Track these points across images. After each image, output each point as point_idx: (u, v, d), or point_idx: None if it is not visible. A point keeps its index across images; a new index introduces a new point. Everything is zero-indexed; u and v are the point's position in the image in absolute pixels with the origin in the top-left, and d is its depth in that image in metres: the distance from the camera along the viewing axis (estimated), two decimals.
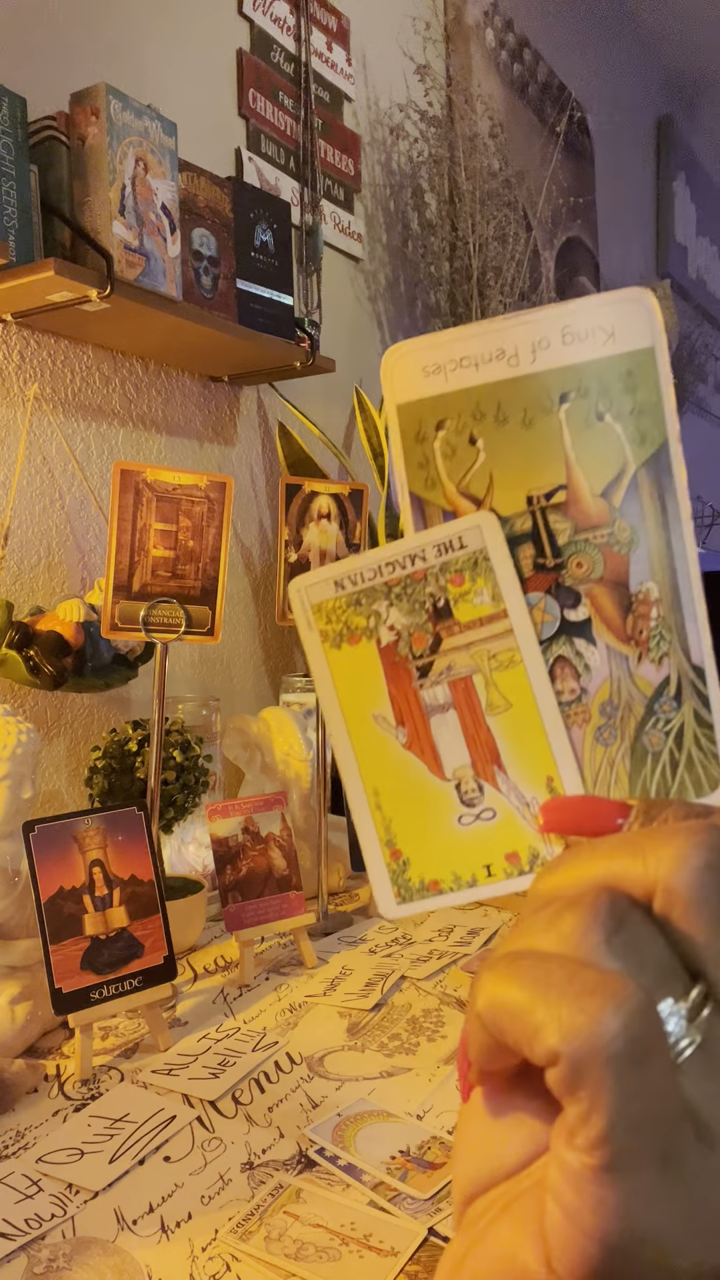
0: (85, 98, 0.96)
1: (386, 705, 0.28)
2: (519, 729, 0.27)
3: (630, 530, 0.27)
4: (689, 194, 3.43)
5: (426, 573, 0.28)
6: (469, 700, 0.28)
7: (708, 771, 0.27)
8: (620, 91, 2.85)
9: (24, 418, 1.09)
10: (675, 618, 0.27)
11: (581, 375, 0.26)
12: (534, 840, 0.27)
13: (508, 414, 0.27)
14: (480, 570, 0.27)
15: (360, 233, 1.70)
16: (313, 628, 0.28)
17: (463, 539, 0.27)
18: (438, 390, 0.27)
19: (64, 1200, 0.60)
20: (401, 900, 0.28)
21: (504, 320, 0.26)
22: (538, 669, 0.27)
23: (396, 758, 0.28)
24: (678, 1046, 0.19)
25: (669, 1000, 0.19)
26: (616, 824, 0.24)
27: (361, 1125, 0.67)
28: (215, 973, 0.95)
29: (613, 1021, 0.18)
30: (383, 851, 0.28)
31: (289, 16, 1.52)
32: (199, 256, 1.14)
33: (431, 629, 0.28)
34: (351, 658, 0.28)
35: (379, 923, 1.08)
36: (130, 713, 1.22)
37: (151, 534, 0.91)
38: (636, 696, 0.27)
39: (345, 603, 0.28)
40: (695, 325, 3.26)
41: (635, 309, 0.26)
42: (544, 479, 0.27)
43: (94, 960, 0.76)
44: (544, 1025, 0.19)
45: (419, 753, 0.28)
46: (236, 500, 0.91)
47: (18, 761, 0.79)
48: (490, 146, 1.81)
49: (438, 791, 0.28)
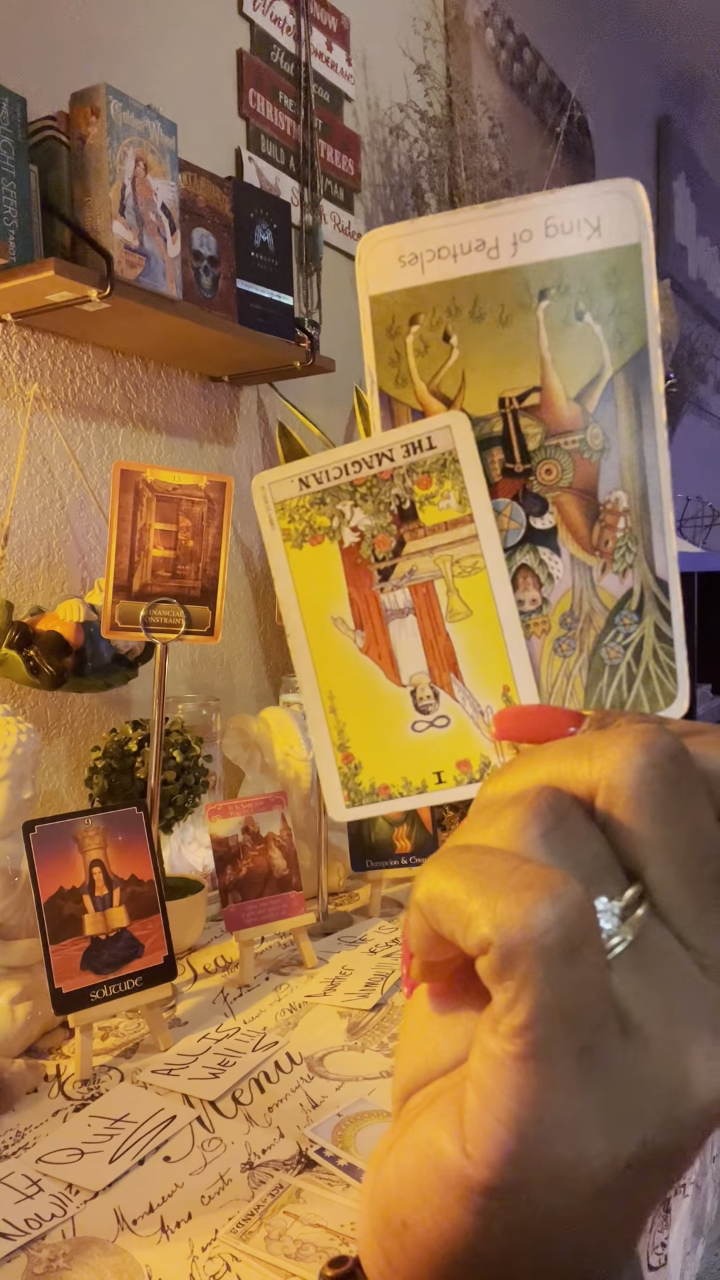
0: (85, 98, 0.96)
1: (346, 608, 0.28)
2: (478, 637, 0.27)
3: (603, 437, 0.26)
4: (689, 194, 3.43)
5: (393, 473, 0.27)
6: (429, 606, 0.27)
7: (664, 686, 0.27)
8: (620, 92, 2.85)
9: (24, 418, 1.09)
10: (643, 529, 0.26)
11: (563, 270, 0.25)
12: (486, 748, 0.27)
13: (484, 310, 0.26)
14: (448, 472, 0.27)
15: (360, 233, 1.70)
16: (275, 525, 0.28)
17: (432, 439, 0.27)
18: (413, 282, 0.26)
19: (64, 1200, 0.60)
20: (351, 803, 0.28)
21: (487, 208, 0.25)
22: (500, 577, 0.27)
23: (353, 662, 0.28)
24: (609, 943, 0.19)
25: (603, 898, 0.19)
26: (569, 733, 0.24)
27: (361, 1125, 0.67)
28: (215, 973, 0.95)
29: (548, 914, 0.18)
30: (335, 755, 0.28)
31: (289, 16, 1.52)
32: (199, 256, 1.14)
33: (395, 531, 0.27)
34: (313, 558, 0.27)
35: (379, 923, 1.08)
36: (130, 713, 1.22)
37: (151, 534, 0.91)
38: (598, 608, 0.27)
39: (309, 501, 0.27)
40: (695, 325, 3.26)
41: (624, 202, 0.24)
42: (518, 380, 0.26)
43: (94, 960, 0.76)
44: (478, 914, 0.19)
45: (376, 658, 0.28)
46: (236, 500, 0.91)
47: (18, 761, 0.79)
48: (490, 146, 1.81)
49: (392, 697, 0.28)
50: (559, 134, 2.23)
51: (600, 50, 2.58)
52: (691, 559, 1.97)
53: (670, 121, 3.20)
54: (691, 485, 3.04)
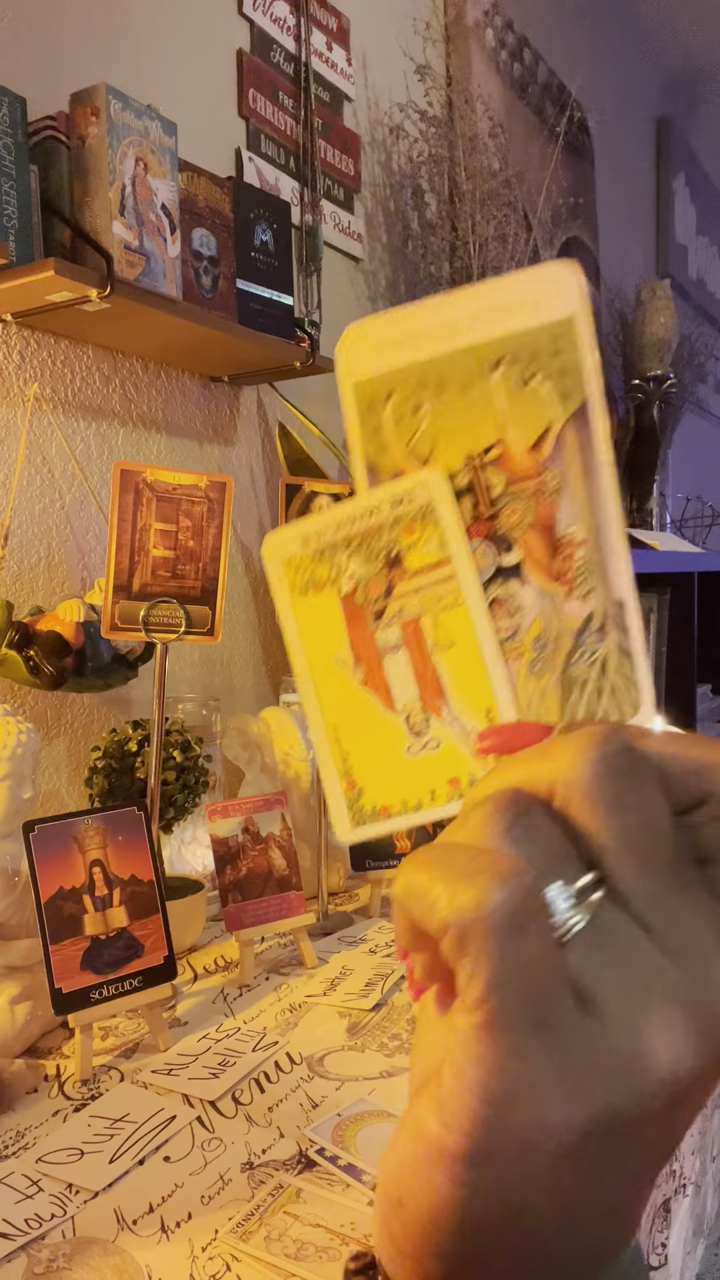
0: (85, 98, 0.96)
1: (347, 648, 0.31)
2: (462, 664, 0.30)
3: (558, 478, 0.29)
4: (689, 194, 3.43)
5: (381, 526, 0.31)
6: (418, 640, 0.31)
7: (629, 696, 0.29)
8: (620, 91, 2.85)
9: (24, 418, 1.09)
10: (598, 556, 0.29)
11: (513, 344, 0.29)
12: (473, 765, 0.30)
13: (448, 382, 0.30)
14: (428, 521, 0.30)
15: (360, 233, 1.70)
16: (283, 581, 0.31)
17: (412, 495, 0.30)
18: (389, 366, 0.30)
19: (64, 1200, 0.60)
20: (356, 824, 0.31)
21: (448, 296, 0.29)
22: (478, 609, 0.30)
23: (354, 695, 0.31)
24: (567, 923, 0.21)
25: (559, 882, 0.21)
26: None
27: (361, 1125, 0.67)
28: (215, 973, 0.95)
29: (496, 894, 0.20)
30: (340, 783, 0.31)
31: (289, 16, 1.52)
32: (199, 256, 1.14)
33: (386, 576, 0.31)
34: (316, 605, 0.31)
35: (379, 923, 1.08)
36: (130, 713, 1.22)
37: (151, 534, 0.91)
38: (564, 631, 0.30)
39: (310, 557, 0.31)
40: (695, 325, 3.26)
41: (559, 283, 0.28)
42: (480, 438, 0.30)
43: (94, 960, 0.76)
44: (439, 899, 0.20)
45: (374, 689, 0.31)
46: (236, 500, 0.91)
47: (18, 761, 0.79)
48: (490, 146, 1.81)
49: (389, 724, 0.31)
50: (559, 134, 2.23)
51: (600, 50, 2.58)
52: (691, 559, 1.97)
53: (670, 121, 3.20)
54: (691, 485, 3.04)
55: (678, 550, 1.95)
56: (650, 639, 1.92)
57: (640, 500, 2.44)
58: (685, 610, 1.96)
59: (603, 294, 2.70)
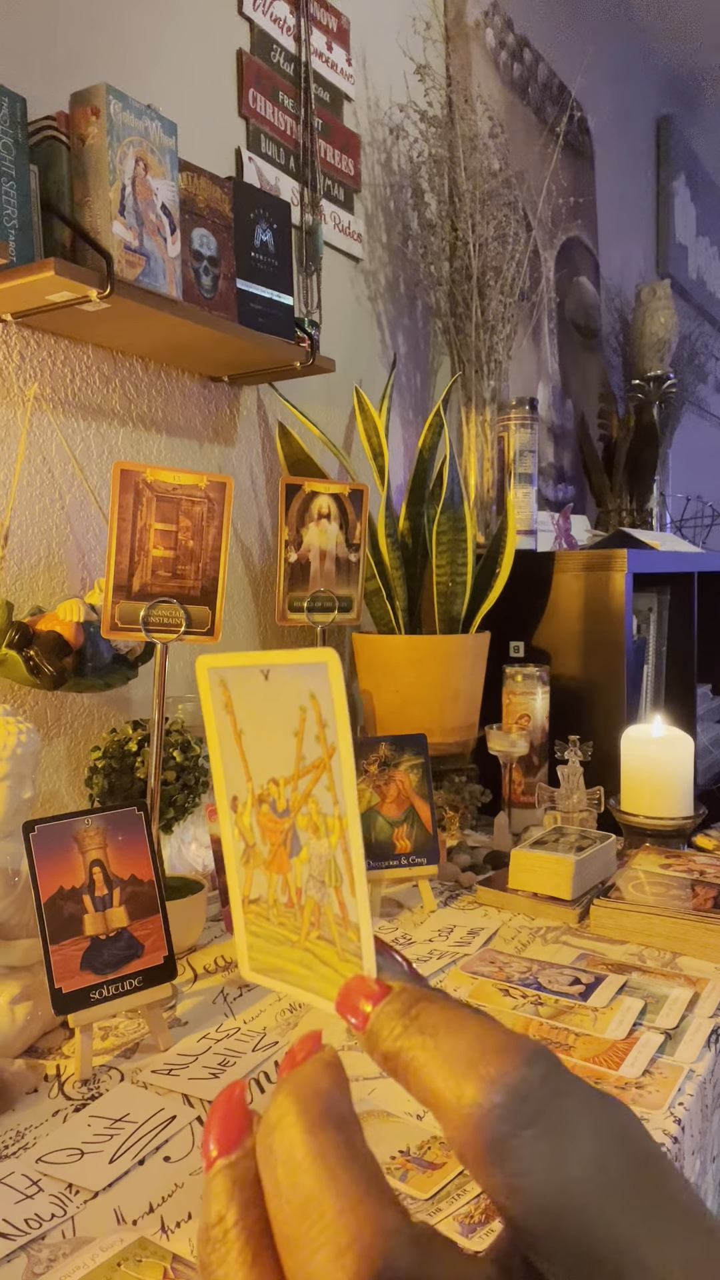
0: (85, 98, 0.96)
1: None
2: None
3: None
4: (689, 194, 3.43)
5: None
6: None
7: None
8: (620, 91, 2.85)
9: (24, 418, 1.09)
10: None
11: None
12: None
13: None
14: None
15: (360, 233, 1.70)
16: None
17: None
18: None
19: (64, 1200, 0.60)
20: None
21: None
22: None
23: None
24: None
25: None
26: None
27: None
28: (215, 973, 0.95)
29: None
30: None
31: (289, 16, 1.52)
32: (199, 256, 1.14)
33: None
34: None
35: (379, 923, 1.08)
36: (130, 713, 1.23)
37: (151, 534, 0.91)
38: None
39: None
40: (695, 325, 3.26)
41: None
42: None
43: (94, 960, 0.76)
44: None
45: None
46: (236, 500, 0.91)
47: (18, 761, 0.79)
48: (490, 146, 1.81)
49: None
50: (559, 134, 2.23)
51: (600, 50, 2.58)
52: (691, 559, 1.97)
53: (670, 121, 3.20)
54: (691, 485, 3.04)
55: (678, 550, 1.95)
56: (651, 639, 1.92)
57: (640, 500, 2.44)
58: (685, 610, 1.96)
59: (603, 294, 2.70)
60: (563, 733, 1.43)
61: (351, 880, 0.28)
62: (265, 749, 0.29)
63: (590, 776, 1.37)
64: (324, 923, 0.29)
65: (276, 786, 0.29)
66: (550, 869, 1.11)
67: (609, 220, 2.73)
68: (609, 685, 1.57)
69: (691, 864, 1.15)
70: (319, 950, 0.29)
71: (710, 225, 3.69)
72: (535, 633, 1.64)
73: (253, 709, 0.29)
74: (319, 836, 0.28)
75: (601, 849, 1.16)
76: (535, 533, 1.74)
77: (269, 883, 0.30)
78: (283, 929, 0.30)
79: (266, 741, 0.29)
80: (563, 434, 2.43)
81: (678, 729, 1.34)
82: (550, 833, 1.21)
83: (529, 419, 1.73)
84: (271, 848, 0.30)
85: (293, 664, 0.27)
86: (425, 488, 1.53)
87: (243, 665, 0.29)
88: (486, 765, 1.47)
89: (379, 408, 1.57)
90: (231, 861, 0.31)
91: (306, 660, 0.27)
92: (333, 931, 0.29)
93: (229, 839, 0.31)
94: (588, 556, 1.61)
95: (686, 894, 1.05)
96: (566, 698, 1.57)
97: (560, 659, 1.61)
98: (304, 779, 0.28)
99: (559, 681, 1.58)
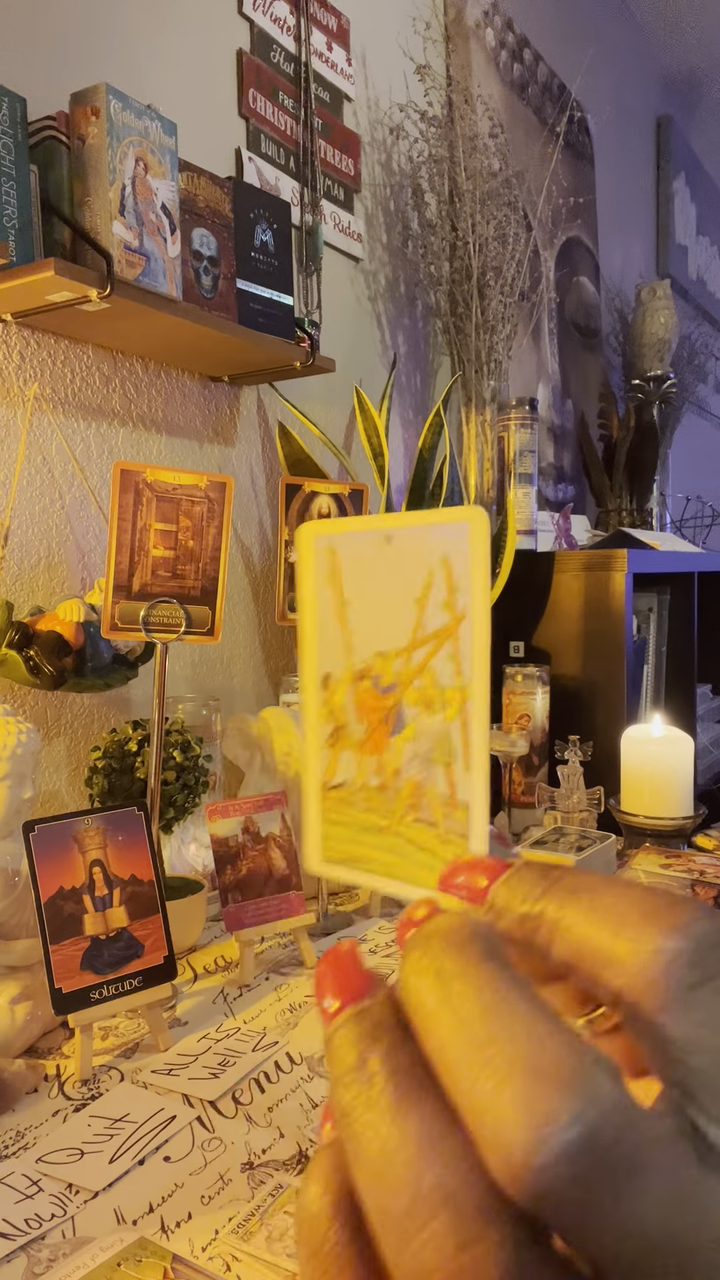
0: (85, 98, 0.96)
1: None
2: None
3: None
4: (689, 194, 3.43)
5: None
6: None
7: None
8: (620, 91, 2.85)
9: (24, 418, 1.09)
10: None
11: None
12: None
13: None
14: None
15: (360, 233, 1.70)
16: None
17: None
18: None
19: (64, 1200, 0.60)
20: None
21: None
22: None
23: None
24: None
25: None
26: None
27: None
28: (215, 973, 0.95)
29: None
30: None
31: (289, 16, 1.52)
32: (199, 256, 1.14)
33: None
34: None
35: (379, 923, 1.08)
36: (130, 713, 1.22)
37: (151, 534, 0.91)
38: None
39: None
40: (695, 325, 3.26)
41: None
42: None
43: (94, 960, 0.76)
44: None
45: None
46: (236, 500, 0.91)
47: (18, 761, 0.79)
48: (490, 146, 1.81)
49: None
50: (559, 134, 2.23)
51: (600, 50, 2.58)
52: (691, 559, 1.97)
53: (670, 121, 3.20)
54: (691, 485, 3.04)
55: (678, 550, 1.95)
56: (651, 639, 1.92)
57: (640, 500, 2.44)
58: (685, 610, 1.96)
59: (603, 294, 2.70)
60: (563, 733, 1.43)
61: (467, 755, 0.26)
62: (375, 620, 0.27)
63: (590, 776, 1.37)
64: (426, 804, 0.27)
65: (384, 660, 0.27)
66: None
67: (609, 220, 2.73)
68: (609, 685, 1.57)
69: (691, 864, 1.15)
70: (415, 834, 0.27)
71: (710, 225, 3.69)
72: (535, 633, 1.64)
73: (365, 577, 0.27)
74: (432, 711, 0.26)
75: (601, 849, 1.16)
76: (535, 533, 1.74)
77: (359, 765, 0.28)
78: (370, 814, 0.28)
79: (378, 611, 0.27)
80: (563, 434, 2.43)
81: (678, 729, 1.34)
82: (550, 833, 1.21)
83: (529, 419, 1.73)
84: (369, 727, 0.28)
85: (425, 525, 0.25)
86: (425, 488, 1.53)
87: (360, 530, 0.27)
88: None
89: (379, 408, 1.57)
90: (313, 745, 0.29)
91: (444, 520, 0.25)
92: (435, 813, 0.27)
93: (313, 721, 0.29)
94: (588, 556, 1.61)
95: (687, 894, 1.05)
96: (566, 698, 1.57)
97: (560, 659, 1.61)
98: (420, 650, 0.26)
99: (559, 681, 1.58)
